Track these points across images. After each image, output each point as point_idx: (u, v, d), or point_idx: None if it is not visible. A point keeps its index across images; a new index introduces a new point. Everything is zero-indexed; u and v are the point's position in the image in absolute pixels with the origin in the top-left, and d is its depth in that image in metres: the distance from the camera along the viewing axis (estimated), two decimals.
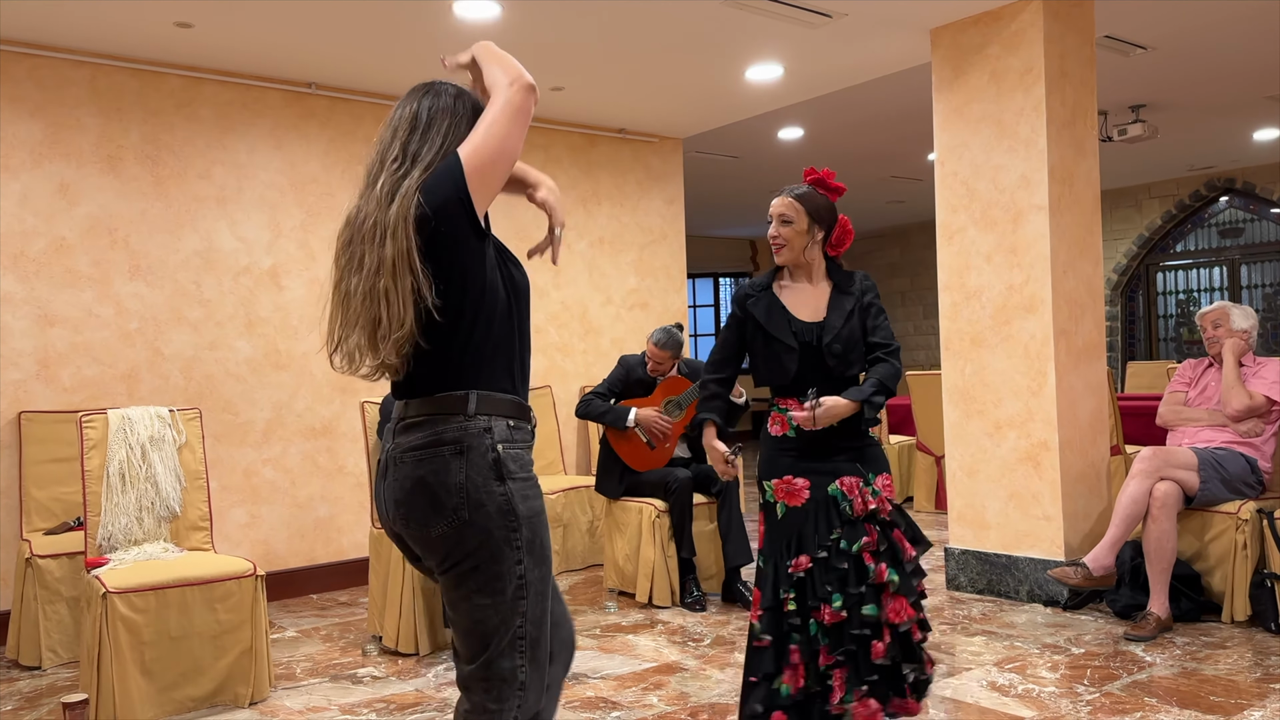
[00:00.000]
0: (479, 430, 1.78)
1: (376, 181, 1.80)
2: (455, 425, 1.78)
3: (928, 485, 7.26)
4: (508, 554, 1.77)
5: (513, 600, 1.78)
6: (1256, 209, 10.08)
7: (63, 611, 4.12)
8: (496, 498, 1.76)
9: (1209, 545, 4.17)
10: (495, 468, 1.77)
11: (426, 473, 1.77)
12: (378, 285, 1.73)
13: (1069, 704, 3.23)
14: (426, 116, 1.86)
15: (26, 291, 4.62)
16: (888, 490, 2.77)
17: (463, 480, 1.75)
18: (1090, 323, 4.68)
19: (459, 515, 1.75)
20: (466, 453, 1.76)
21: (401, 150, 1.82)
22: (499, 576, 1.77)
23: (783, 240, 2.83)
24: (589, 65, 5.33)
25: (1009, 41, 4.59)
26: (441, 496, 1.76)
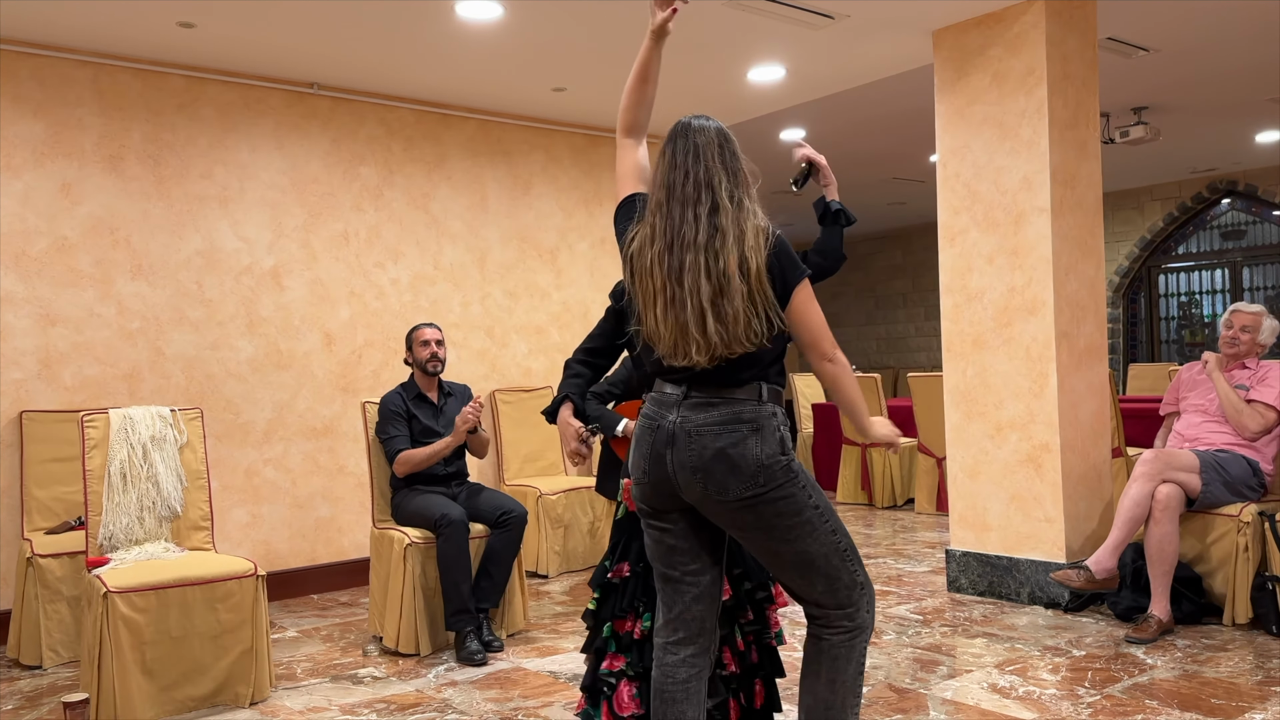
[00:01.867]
0: (769, 414, 2.16)
1: (685, 208, 2.13)
2: (750, 409, 2.15)
3: (929, 487, 7.26)
4: (802, 499, 2.16)
5: (824, 534, 2.18)
6: (1259, 211, 10.08)
7: (64, 611, 4.12)
8: (783, 464, 2.14)
9: (1210, 548, 4.17)
10: (781, 444, 2.16)
11: (727, 445, 2.12)
12: (729, 286, 2.09)
13: (1070, 706, 3.23)
14: (723, 159, 2.17)
15: (28, 291, 4.63)
16: None
17: (758, 453, 2.12)
18: (1092, 325, 4.68)
19: (756, 480, 2.12)
20: (760, 430, 2.14)
21: (712, 189, 2.14)
22: (806, 522, 2.16)
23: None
24: (591, 66, 5.33)
25: (1011, 43, 4.59)
26: (741, 465, 2.12)
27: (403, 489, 4.30)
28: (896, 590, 4.93)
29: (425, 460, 4.20)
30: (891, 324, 13.11)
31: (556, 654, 4.03)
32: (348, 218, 5.58)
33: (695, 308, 2.08)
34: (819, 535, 2.17)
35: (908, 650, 3.91)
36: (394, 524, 4.28)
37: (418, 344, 4.36)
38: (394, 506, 4.33)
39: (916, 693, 3.40)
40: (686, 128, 2.19)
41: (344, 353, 5.54)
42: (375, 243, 5.68)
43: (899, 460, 7.66)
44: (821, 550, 2.18)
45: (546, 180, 6.40)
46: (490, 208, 6.13)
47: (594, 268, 6.61)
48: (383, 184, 5.72)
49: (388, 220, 5.73)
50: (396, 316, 5.73)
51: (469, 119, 6.05)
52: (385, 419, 4.28)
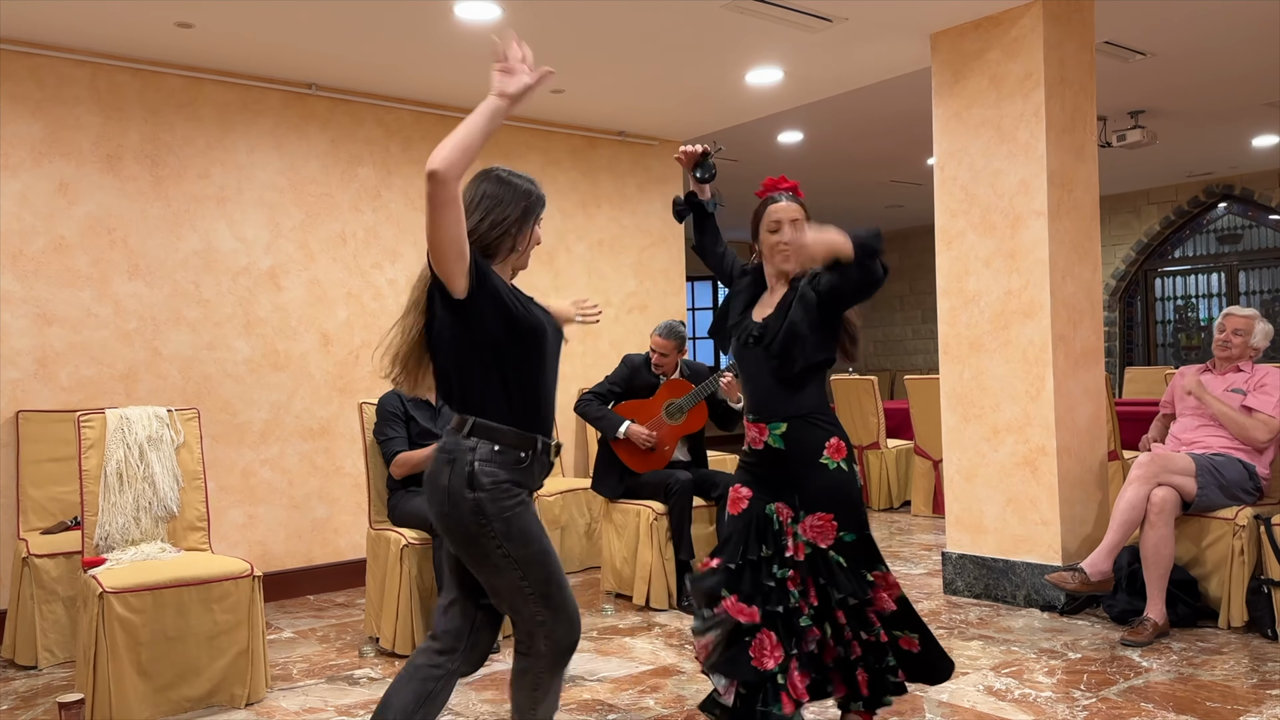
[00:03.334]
0: (466, 447, 2.27)
1: None
2: (454, 440, 2.30)
3: (925, 489, 7.27)
4: (487, 543, 2.25)
5: (509, 573, 2.28)
6: (1255, 215, 10.10)
7: (59, 611, 4.11)
8: (468, 501, 2.24)
9: (1206, 551, 4.17)
10: (469, 479, 2.25)
11: (430, 471, 2.32)
12: (403, 324, 2.36)
13: (1065, 709, 3.23)
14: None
15: (25, 290, 4.62)
16: (815, 532, 2.65)
17: (446, 484, 2.26)
18: (1089, 328, 4.69)
19: (442, 509, 2.28)
20: (453, 464, 2.27)
21: None
22: (487, 557, 2.26)
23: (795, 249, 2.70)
24: (589, 68, 5.34)
25: (1009, 47, 4.60)
26: (434, 492, 2.30)
27: (400, 490, 4.30)
28: None
29: (423, 462, 4.20)
30: (889, 326, 13.12)
31: None
32: (345, 218, 5.58)
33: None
34: (504, 574, 2.27)
35: None
36: (391, 525, 4.28)
37: None
38: (391, 507, 4.32)
39: (912, 695, 3.41)
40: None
41: (341, 353, 5.53)
42: (373, 243, 5.68)
43: (896, 462, 7.67)
44: (505, 586, 2.29)
45: (544, 182, 6.34)
46: None
47: (591, 269, 6.61)
48: (381, 185, 5.71)
49: (385, 221, 5.73)
50: (394, 318, 5.67)
51: None
52: (383, 420, 4.28)
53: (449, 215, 2.10)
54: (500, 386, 2.28)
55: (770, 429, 2.69)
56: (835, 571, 2.65)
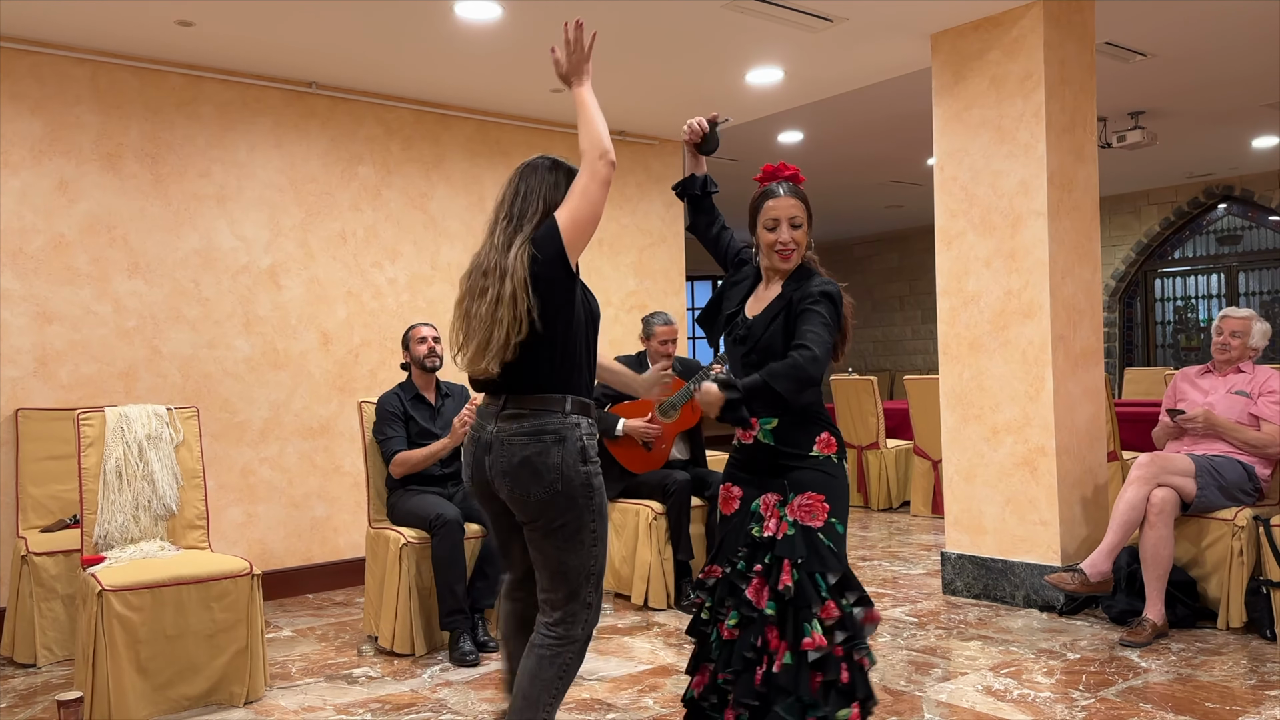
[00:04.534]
0: (571, 425, 2.39)
1: (494, 234, 2.46)
2: (554, 420, 2.38)
3: (925, 490, 7.27)
4: (587, 518, 2.40)
5: (589, 549, 2.41)
6: (1255, 216, 10.10)
7: (58, 609, 4.11)
8: (582, 475, 2.38)
9: (1205, 552, 4.18)
10: (582, 454, 2.39)
11: (532, 453, 2.36)
12: (497, 312, 2.35)
13: (1064, 709, 3.24)
14: (526, 188, 2.47)
15: (25, 288, 4.62)
16: (803, 510, 2.51)
17: (559, 461, 2.36)
18: (1088, 329, 4.69)
19: (554, 487, 2.35)
20: (563, 441, 2.37)
21: (509, 212, 2.46)
22: (579, 532, 2.39)
23: (794, 244, 2.61)
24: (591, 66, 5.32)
25: (1009, 47, 4.60)
26: (542, 472, 2.35)
27: (399, 489, 4.30)
28: (892, 593, 4.93)
29: (422, 461, 4.20)
30: (888, 326, 13.12)
31: None
32: (345, 217, 5.58)
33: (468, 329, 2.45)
34: (583, 551, 2.41)
35: (902, 653, 3.91)
36: (390, 524, 4.28)
37: (415, 340, 4.37)
38: (390, 506, 4.32)
39: (911, 695, 3.41)
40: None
41: (341, 352, 5.53)
42: (373, 242, 5.68)
43: (895, 463, 7.67)
44: (577, 565, 2.41)
45: None
46: (488, 208, 6.08)
47: (591, 269, 6.61)
48: (381, 184, 5.71)
49: (385, 220, 5.73)
50: (394, 316, 5.73)
51: (467, 119, 6.05)
52: (382, 420, 4.28)
53: (605, 194, 2.41)
54: (587, 364, 2.46)
55: (761, 424, 2.60)
56: (825, 553, 2.48)
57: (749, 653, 2.48)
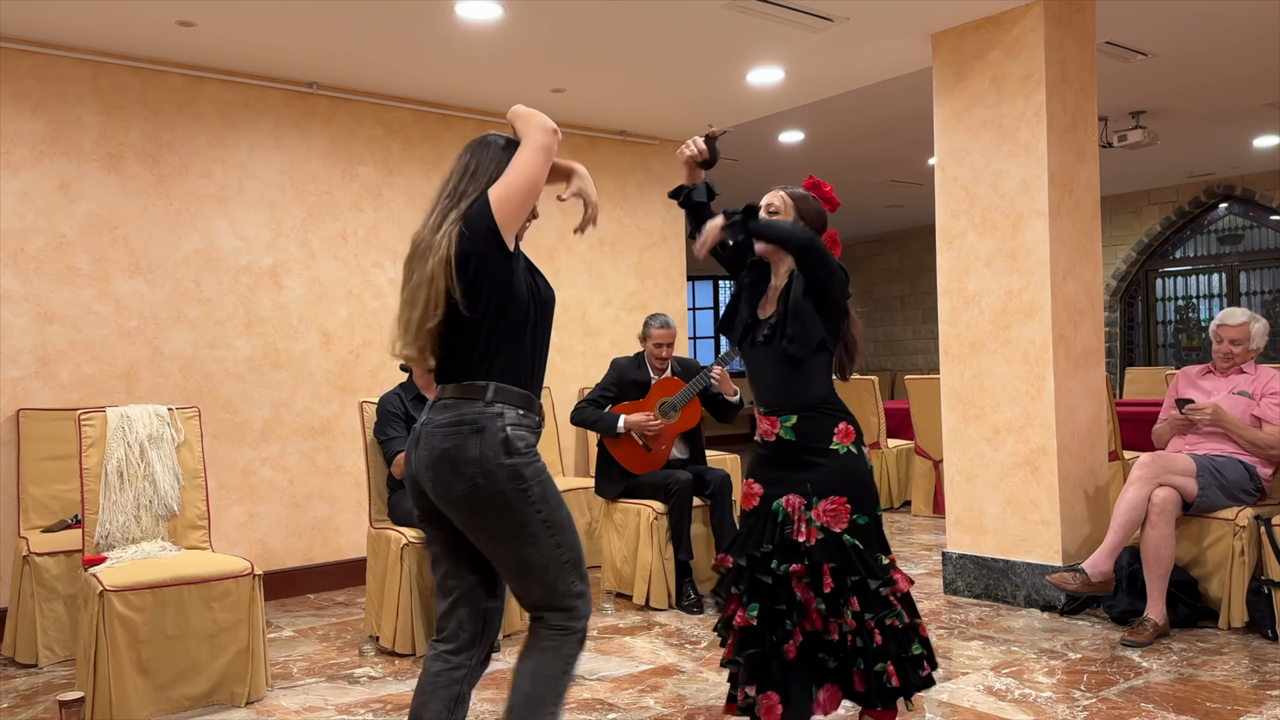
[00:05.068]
0: (493, 414, 2.19)
1: (431, 213, 2.29)
2: (474, 409, 2.19)
3: (926, 489, 7.27)
4: (526, 508, 2.17)
5: (546, 540, 2.20)
6: (1256, 216, 10.09)
7: (60, 609, 4.12)
8: (506, 468, 2.16)
9: (1206, 551, 4.17)
10: (505, 445, 2.17)
11: (450, 446, 2.17)
12: (416, 294, 2.22)
13: (1065, 709, 3.23)
14: (475, 164, 2.29)
15: (26, 289, 4.62)
16: (829, 516, 2.68)
17: (477, 454, 2.15)
18: (1089, 328, 4.69)
19: (475, 481, 2.15)
20: (482, 432, 2.17)
21: (453, 189, 2.28)
22: (525, 525, 2.17)
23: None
24: (590, 67, 5.34)
25: (1010, 47, 4.60)
26: (460, 466, 2.16)
27: (400, 489, 4.30)
28: None
29: None
30: (889, 326, 13.12)
31: None
32: (346, 217, 5.58)
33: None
34: (541, 543, 2.19)
35: None
36: (391, 524, 4.28)
37: None
38: (391, 506, 4.33)
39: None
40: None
41: (342, 352, 5.53)
42: (374, 243, 5.68)
43: (896, 462, 7.66)
44: (540, 559, 2.19)
45: None
46: None
47: (592, 269, 6.61)
48: (382, 184, 5.72)
49: (386, 220, 5.73)
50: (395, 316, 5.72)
51: (468, 119, 6.05)
52: (384, 420, 4.28)
53: (545, 163, 2.25)
54: (523, 351, 2.27)
55: (781, 421, 2.74)
56: (850, 555, 2.67)
57: (777, 637, 2.66)
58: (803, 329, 2.71)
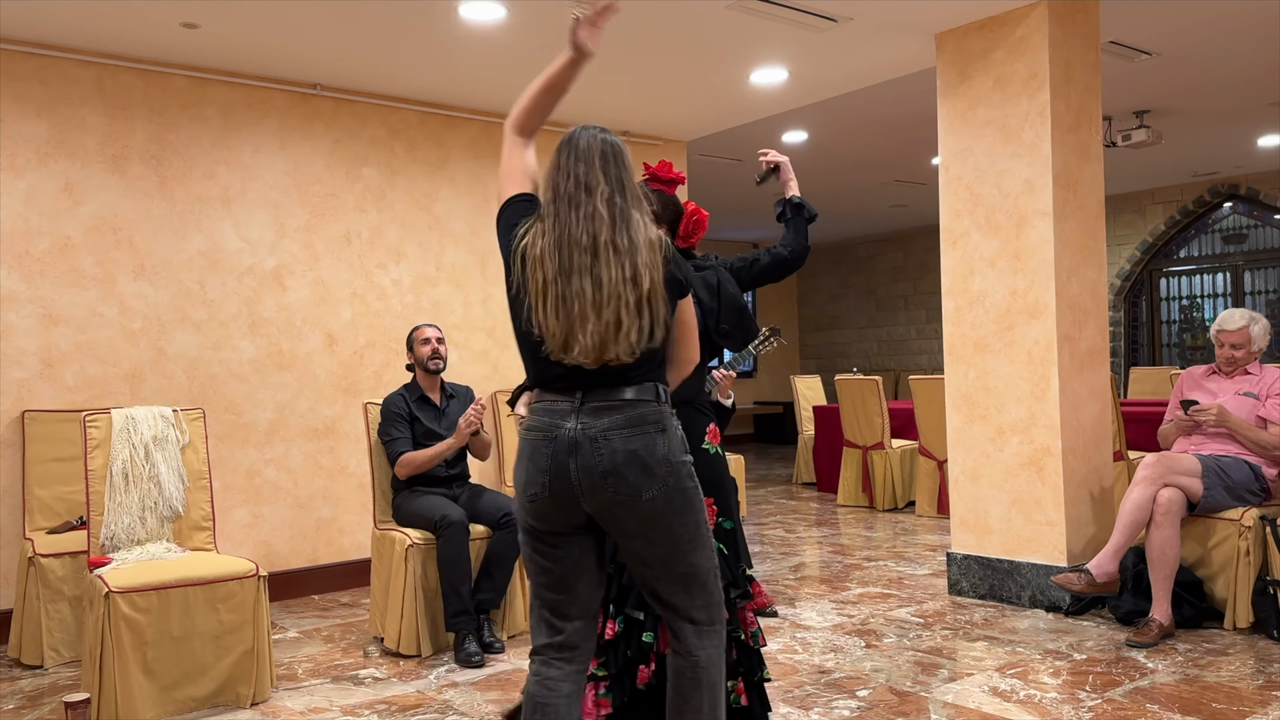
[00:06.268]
0: (668, 413, 2.15)
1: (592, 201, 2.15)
2: (653, 409, 2.12)
3: (930, 490, 7.26)
4: (699, 506, 2.15)
5: (710, 542, 2.18)
6: (1260, 215, 10.08)
7: (65, 611, 4.12)
8: (687, 466, 2.14)
9: (1212, 552, 4.17)
10: (683, 443, 2.15)
11: (639, 447, 2.07)
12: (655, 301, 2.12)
13: (1071, 710, 3.23)
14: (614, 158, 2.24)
15: (31, 290, 4.63)
16: None
17: (666, 453, 2.09)
18: (1094, 328, 4.68)
19: (666, 481, 2.08)
20: (665, 431, 2.11)
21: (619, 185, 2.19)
22: (700, 525, 2.15)
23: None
24: (593, 67, 5.33)
25: (1014, 47, 4.59)
26: (653, 465, 2.07)
27: (404, 490, 4.31)
28: (897, 593, 4.93)
29: (427, 462, 4.20)
30: (893, 326, 13.11)
31: None
32: (350, 218, 5.58)
33: (580, 311, 2.04)
34: (707, 545, 2.16)
35: (908, 653, 3.91)
36: (395, 525, 4.28)
37: (418, 342, 4.37)
38: (395, 507, 4.33)
39: (917, 696, 3.41)
40: (574, 137, 2.28)
41: (346, 353, 5.54)
42: (377, 244, 5.68)
43: (900, 463, 7.66)
44: (707, 564, 2.16)
45: None
46: (492, 209, 6.13)
47: None
48: (385, 185, 5.72)
49: (390, 221, 5.74)
50: (398, 317, 5.74)
51: (472, 120, 6.05)
52: (387, 420, 4.28)
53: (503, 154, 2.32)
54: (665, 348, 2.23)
55: None
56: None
57: (631, 652, 2.57)
58: (743, 324, 2.70)
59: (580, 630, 2.20)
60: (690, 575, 2.14)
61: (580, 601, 2.19)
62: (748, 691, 2.61)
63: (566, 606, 2.18)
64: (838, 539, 6.45)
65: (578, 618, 2.19)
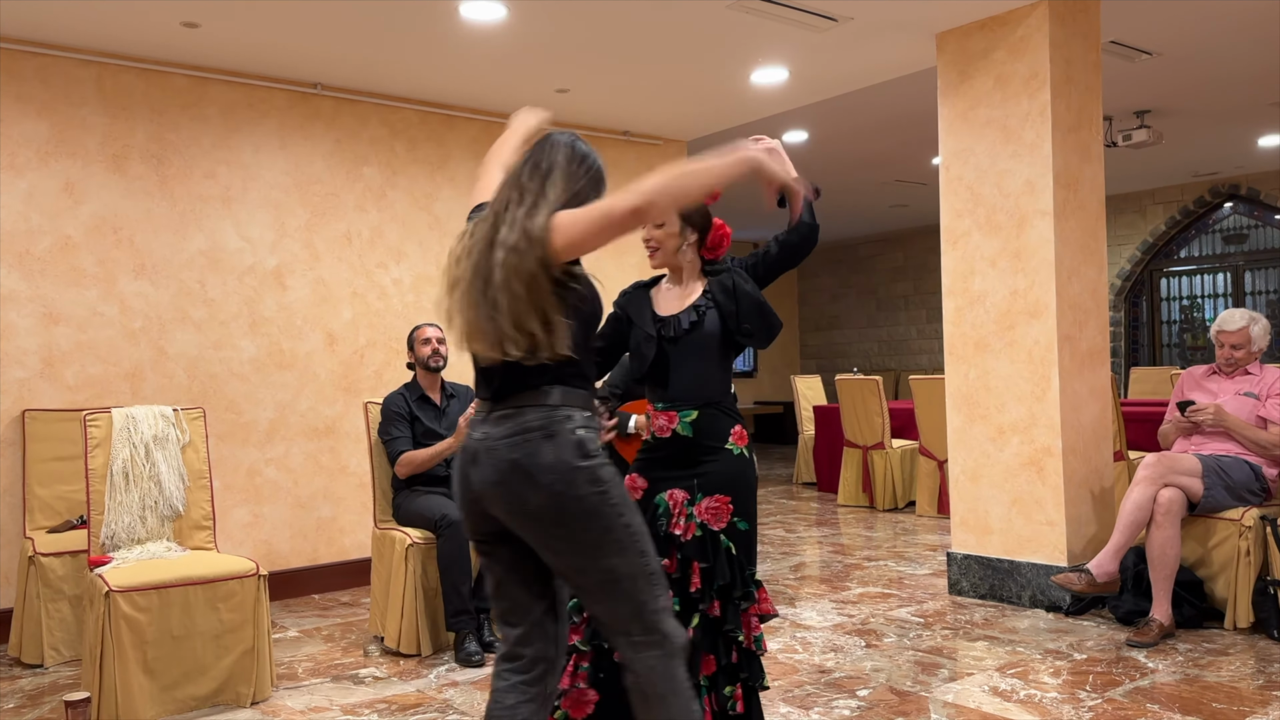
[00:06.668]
0: (562, 418, 2.07)
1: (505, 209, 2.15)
2: (540, 415, 2.06)
3: (930, 490, 7.26)
4: (608, 513, 2.04)
5: (631, 548, 2.06)
6: (1260, 215, 10.07)
7: (65, 610, 4.12)
8: (585, 470, 2.04)
9: (1212, 552, 4.17)
10: (579, 447, 2.05)
11: (520, 456, 2.03)
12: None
13: (1071, 710, 3.23)
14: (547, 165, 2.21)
15: (31, 290, 4.63)
16: (710, 513, 2.62)
17: (553, 460, 2.02)
18: (1094, 328, 4.68)
19: (554, 489, 2.01)
20: (554, 436, 2.04)
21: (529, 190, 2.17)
22: (610, 531, 2.04)
23: (655, 243, 2.87)
24: (594, 67, 5.34)
25: (1015, 46, 4.59)
26: (536, 474, 2.02)
27: (404, 489, 4.31)
28: (897, 593, 4.93)
29: (427, 461, 4.20)
30: (893, 326, 13.11)
31: None
32: (350, 218, 5.59)
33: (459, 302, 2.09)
34: (628, 551, 2.05)
35: (909, 653, 3.91)
36: (395, 524, 4.28)
37: (419, 341, 4.37)
38: (395, 507, 4.33)
39: (917, 695, 3.41)
40: (541, 142, 2.25)
41: (346, 353, 5.54)
42: (378, 243, 5.68)
43: (900, 463, 7.66)
44: (628, 569, 2.05)
45: None
46: None
47: (596, 269, 6.58)
48: (386, 185, 5.72)
49: (390, 221, 5.74)
50: (399, 317, 5.74)
51: (472, 120, 6.06)
52: (388, 420, 4.28)
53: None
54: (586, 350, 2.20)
55: (681, 416, 2.68)
56: (722, 557, 2.60)
57: None
58: (766, 322, 2.72)
59: (522, 638, 2.16)
60: (608, 583, 2.05)
61: (519, 609, 2.17)
62: (745, 699, 2.60)
63: (507, 614, 2.18)
64: (838, 539, 6.46)
65: (518, 625, 2.17)
